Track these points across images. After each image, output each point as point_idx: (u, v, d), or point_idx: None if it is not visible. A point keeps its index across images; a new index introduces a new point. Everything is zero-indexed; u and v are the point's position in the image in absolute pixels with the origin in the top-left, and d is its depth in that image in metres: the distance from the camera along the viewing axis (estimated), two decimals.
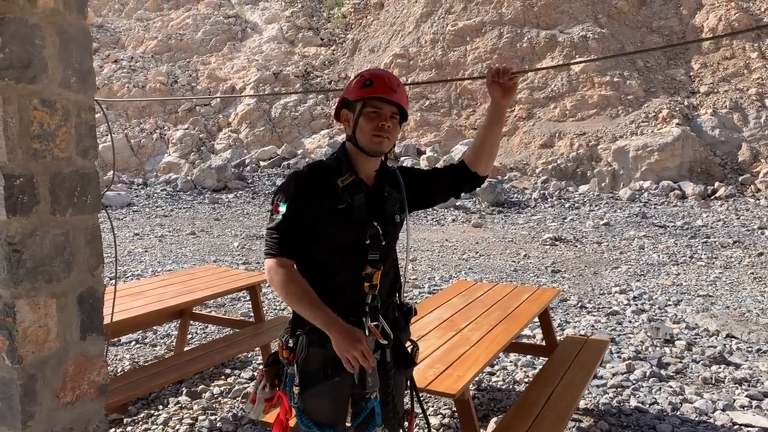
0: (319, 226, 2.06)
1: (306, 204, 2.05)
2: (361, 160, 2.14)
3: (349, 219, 2.07)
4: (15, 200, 1.83)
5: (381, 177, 2.20)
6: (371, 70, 2.18)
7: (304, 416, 2.11)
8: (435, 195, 2.37)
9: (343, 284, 2.08)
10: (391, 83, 2.10)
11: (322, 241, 2.08)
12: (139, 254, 9.54)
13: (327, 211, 2.05)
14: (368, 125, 2.08)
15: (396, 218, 2.19)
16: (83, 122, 2.03)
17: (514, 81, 2.23)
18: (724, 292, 7.16)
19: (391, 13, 22.12)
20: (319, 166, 2.15)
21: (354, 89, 2.12)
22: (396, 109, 2.12)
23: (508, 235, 11.12)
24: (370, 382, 2.02)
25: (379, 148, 2.10)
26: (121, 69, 21.09)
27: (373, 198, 2.13)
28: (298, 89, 20.44)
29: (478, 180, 2.36)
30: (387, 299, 2.20)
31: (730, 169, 15.49)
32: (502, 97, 2.25)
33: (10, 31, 1.80)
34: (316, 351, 2.09)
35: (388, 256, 2.18)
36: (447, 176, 2.36)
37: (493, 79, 2.23)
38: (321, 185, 2.08)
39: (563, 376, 3.66)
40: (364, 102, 2.09)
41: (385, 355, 2.11)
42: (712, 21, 18.50)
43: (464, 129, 18.05)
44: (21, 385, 1.87)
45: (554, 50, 18.54)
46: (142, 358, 5.21)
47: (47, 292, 1.93)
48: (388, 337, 2.10)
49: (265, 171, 17.26)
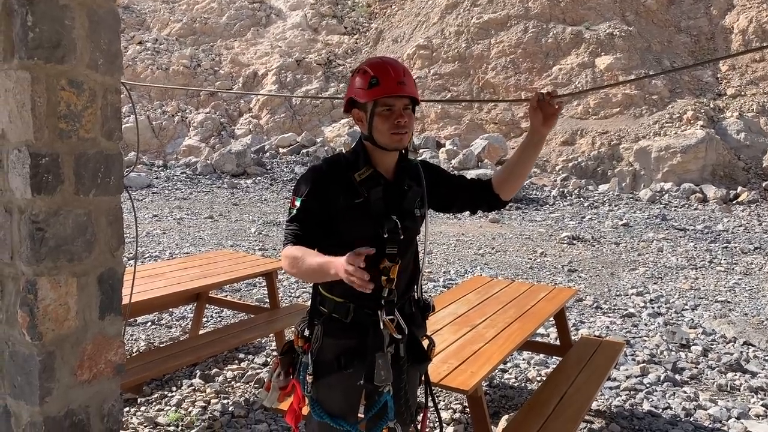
0: (336, 220, 2.05)
1: (322, 199, 2.03)
2: (379, 154, 2.10)
3: (367, 213, 2.04)
4: (40, 179, 1.85)
5: (401, 170, 2.16)
6: (373, 62, 2.07)
7: (316, 406, 2.12)
8: (452, 203, 2.31)
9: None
10: (398, 75, 2.02)
11: (338, 235, 2.06)
12: (158, 236, 9.62)
13: (343, 205, 2.03)
14: (384, 125, 2.02)
15: (416, 212, 2.15)
16: (109, 104, 2.04)
17: (558, 108, 2.11)
18: (742, 299, 7.07)
19: (416, 4, 21.98)
20: (335, 161, 2.13)
21: (361, 90, 2.04)
22: (408, 101, 2.06)
23: (525, 232, 11.06)
24: (382, 375, 2.01)
25: (399, 145, 2.07)
26: (146, 50, 21.21)
27: (392, 191, 2.10)
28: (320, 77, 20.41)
29: (499, 203, 2.28)
30: (404, 293, 2.19)
31: (754, 173, 15.25)
32: (543, 124, 2.12)
33: (41, 11, 1.81)
34: (330, 342, 2.09)
35: (406, 251, 2.15)
36: (470, 189, 2.29)
37: (538, 104, 2.11)
38: (337, 179, 2.06)
39: (576, 377, 3.63)
40: (375, 102, 2.02)
41: (398, 349, 2.10)
42: (743, 22, 18.17)
43: (485, 123, 17.94)
44: (40, 361, 1.89)
45: (579, 47, 18.34)
46: (158, 340, 5.26)
47: (68, 271, 1.95)
48: (402, 332, 2.08)
49: (284, 158, 17.29)
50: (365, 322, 2.08)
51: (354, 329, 2.08)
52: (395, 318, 2.07)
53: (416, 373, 2.26)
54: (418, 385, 2.33)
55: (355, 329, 2.08)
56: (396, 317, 2.08)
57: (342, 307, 2.09)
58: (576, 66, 18.03)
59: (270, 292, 5.14)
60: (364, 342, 2.07)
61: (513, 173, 2.23)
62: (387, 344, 2.06)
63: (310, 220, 2.02)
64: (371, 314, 2.07)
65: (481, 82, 18.67)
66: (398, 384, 2.11)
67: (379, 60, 2.10)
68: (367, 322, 2.07)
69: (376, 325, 2.06)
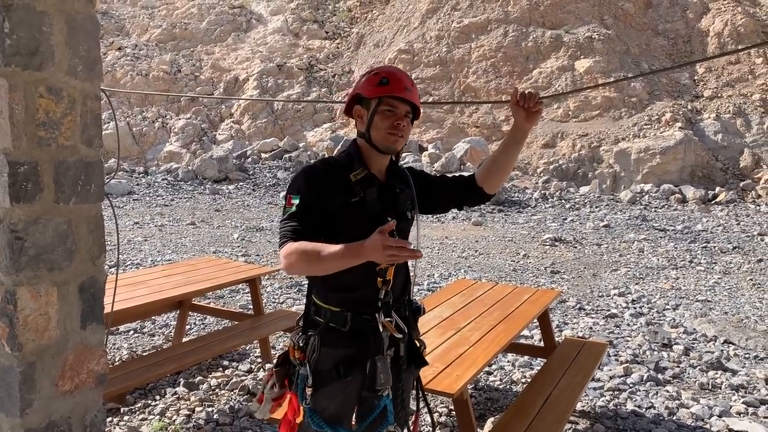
0: (332, 219, 2.05)
1: (318, 197, 2.03)
2: (373, 156, 2.14)
3: (363, 213, 2.06)
4: (19, 187, 1.82)
5: (392, 173, 2.20)
6: (385, 67, 2.15)
7: (315, 416, 2.10)
8: (437, 202, 2.34)
9: (356, 279, 2.06)
10: (406, 83, 2.09)
11: (335, 236, 2.05)
12: (139, 243, 9.53)
13: (339, 205, 2.05)
14: (383, 123, 2.07)
15: (408, 214, 2.19)
16: (89, 111, 2.02)
17: (539, 107, 2.16)
18: (722, 298, 7.16)
19: (397, 8, 22.06)
20: (330, 162, 2.15)
21: (370, 86, 2.10)
22: (410, 109, 2.11)
23: (508, 235, 11.12)
24: (382, 378, 2.02)
25: (393, 146, 2.11)
26: (125, 56, 21.05)
27: (385, 193, 2.14)
28: (302, 82, 20.39)
29: (484, 197, 2.31)
30: (400, 296, 2.21)
31: (732, 174, 15.48)
32: (526, 120, 2.17)
33: (18, 18, 1.79)
34: (328, 351, 2.08)
35: None
36: (453, 186, 2.33)
37: (518, 103, 2.16)
38: (333, 178, 2.08)
39: (561, 378, 3.66)
40: (380, 100, 2.07)
41: (398, 350, 2.13)
42: (718, 25, 18.46)
43: (467, 126, 18.03)
44: (20, 372, 1.86)
45: (559, 50, 18.51)
46: (141, 348, 5.21)
47: (49, 280, 1.92)
48: (402, 332, 2.10)
49: (266, 163, 17.23)
50: (364, 329, 2.08)
51: (353, 337, 2.08)
52: (393, 320, 2.10)
53: (411, 376, 2.28)
54: (412, 389, 2.34)
55: (353, 337, 2.08)
56: (394, 318, 2.11)
57: (339, 316, 2.08)
58: (556, 69, 18.19)
59: (253, 299, 5.11)
60: (362, 349, 2.07)
61: (497, 166, 2.27)
62: (386, 347, 2.08)
63: (308, 217, 2.02)
64: (369, 320, 2.08)
65: (462, 85, 18.77)
66: (397, 386, 2.13)
67: (391, 67, 2.19)
68: (365, 329, 2.08)
69: (375, 330, 2.08)
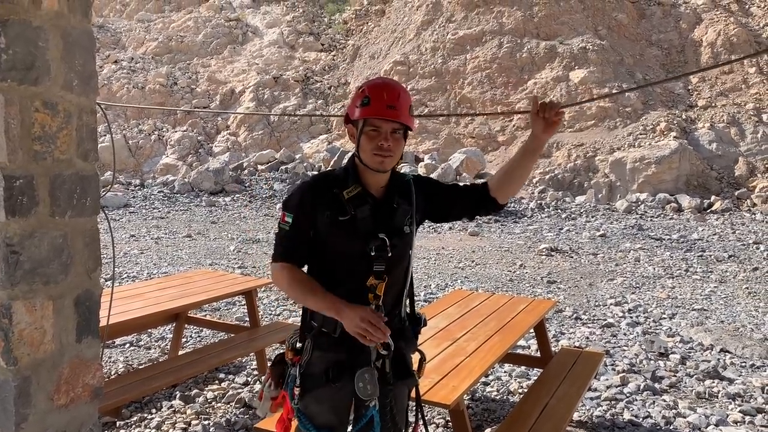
0: (321, 235, 2.09)
1: (309, 213, 2.08)
2: (368, 172, 2.13)
3: (353, 230, 2.07)
4: (14, 201, 1.82)
5: (391, 188, 2.19)
6: (372, 82, 2.13)
7: (303, 418, 2.14)
8: (450, 210, 2.33)
9: (346, 294, 2.08)
10: (390, 99, 2.04)
11: (325, 251, 2.11)
12: (135, 256, 9.52)
13: (328, 222, 2.07)
14: (368, 144, 2.06)
15: (405, 230, 2.17)
16: (84, 125, 2.03)
17: (559, 117, 2.15)
18: (718, 307, 7.17)
19: (392, 20, 22.18)
20: (325, 177, 2.17)
21: (354, 108, 2.10)
22: (398, 125, 2.08)
23: (504, 245, 11.13)
24: (368, 390, 2.03)
25: (380, 167, 2.09)
26: (121, 69, 21.09)
27: (381, 209, 2.14)
28: (298, 94, 20.45)
29: (496, 206, 2.30)
30: (392, 309, 2.21)
31: (727, 183, 15.54)
32: (544, 131, 2.16)
33: (14, 33, 1.80)
34: (320, 355, 2.12)
35: (394, 268, 2.17)
36: (466, 196, 2.31)
37: (538, 113, 2.15)
38: (325, 195, 2.09)
39: (558, 388, 3.66)
40: (364, 121, 2.07)
41: (384, 365, 2.11)
42: (711, 35, 18.61)
43: (462, 137, 18.08)
44: (15, 386, 1.86)
45: (554, 61, 18.61)
46: (137, 361, 5.19)
47: (44, 294, 1.93)
48: (388, 348, 2.09)
49: (262, 175, 17.23)
50: (351, 337, 2.08)
51: (342, 343, 2.10)
52: None
53: (404, 389, 2.26)
54: (408, 401, 2.33)
55: (343, 343, 2.09)
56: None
57: (330, 321, 2.10)
58: (551, 80, 18.28)
59: (250, 311, 5.10)
60: (352, 356, 2.09)
61: (511, 177, 2.26)
62: (374, 359, 2.08)
63: (299, 236, 2.10)
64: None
65: (458, 96, 18.85)
66: (384, 399, 2.12)
67: (379, 81, 2.13)
68: (353, 338, 2.08)
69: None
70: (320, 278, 2.12)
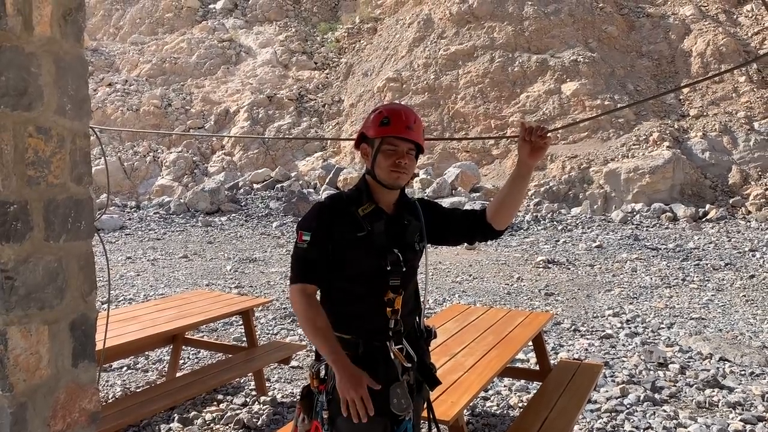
0: (341, 253, 2.15)
1: (327, 232, 2.14)
2: (381, 190, 2.23)
3: (370, 246, 2.15)
4: (9, 227, 1.83)
5: (401, 206, 2.29)
6: (389, 106, 2.25)
7: None
8: (447, 234, 2.39)
9: (365, 310, 2.16)
10: (408, 121, 2.18)
11: (343, 269, 2.16)
12: (132, 278, 9.49)
13: (347, 239, 2.14)
14: (386, 162, 2.17)
15: (415, 246, 2.27)
16: (78, 149, 2.04)
17: (545, 141, 2.17)
18: (716, 315, 7.17)
19: (384, 38, 22.34)
20: (339, 197, 2.24)
21: (372, 127, 2.20)
22: (413, 146, 2.20)
23: (501, 258, 11.14)
24: (403, 404, 2.07)
25: (396, 183, 2.20)
26: (115, 92, 21.15)
27: (393, 225, 2.22)
28: (292, 112, 20.53)
29: (493, 233, 2.37)
30: (409, 323, 2.27)
31: (721, 191, 15.60)
32: (529, 156, 2.18)
33: (7, 59, 1.81)
34: None
35: (409, 282, 2.25)
36: (464, 220, 2.38)
37: (525, 137, 2.17)
38: (341, 214, 2.17)
39: (557, 401, 3.65)
40: (382, 139, 2.17)
41: (410, 377, 2.17)
42: (701, 46, 18.77)
43: (457, 152, 18.14)
44: (11, 413, 1.85)
45: (545, 74, 18.74)
46: (134, 384, 5.16)
47: (39, 319, 1.92)
48: (412, 360, 2.16)
49: (258, 194, 17.24)
50: (376, 354, 2.14)
51: (366, 361, 2.13)
52: (404, 347, 2.17)
53: (420, 400, 2.31)
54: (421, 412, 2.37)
55: (367, 361, 2.13)
56: (405, 346, 2.17)
57: (351, 343, 2.14)
58: (543, 93, 18.40)
59: (247, 331, 5.08)
60: (377, 375, 2.11)
61: (504, 204, 2.32)
62: (401, 373, 2.13)
63: (317, 253, 2.14)
64: (380, 346, 2.14)
65: (451, 111, 18.94)
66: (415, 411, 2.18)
67: (396, 105, 2.30)
68: (377, 355, 2.14)
69: (387, 356, 2.13)
70: (339, 295, 2.18)
